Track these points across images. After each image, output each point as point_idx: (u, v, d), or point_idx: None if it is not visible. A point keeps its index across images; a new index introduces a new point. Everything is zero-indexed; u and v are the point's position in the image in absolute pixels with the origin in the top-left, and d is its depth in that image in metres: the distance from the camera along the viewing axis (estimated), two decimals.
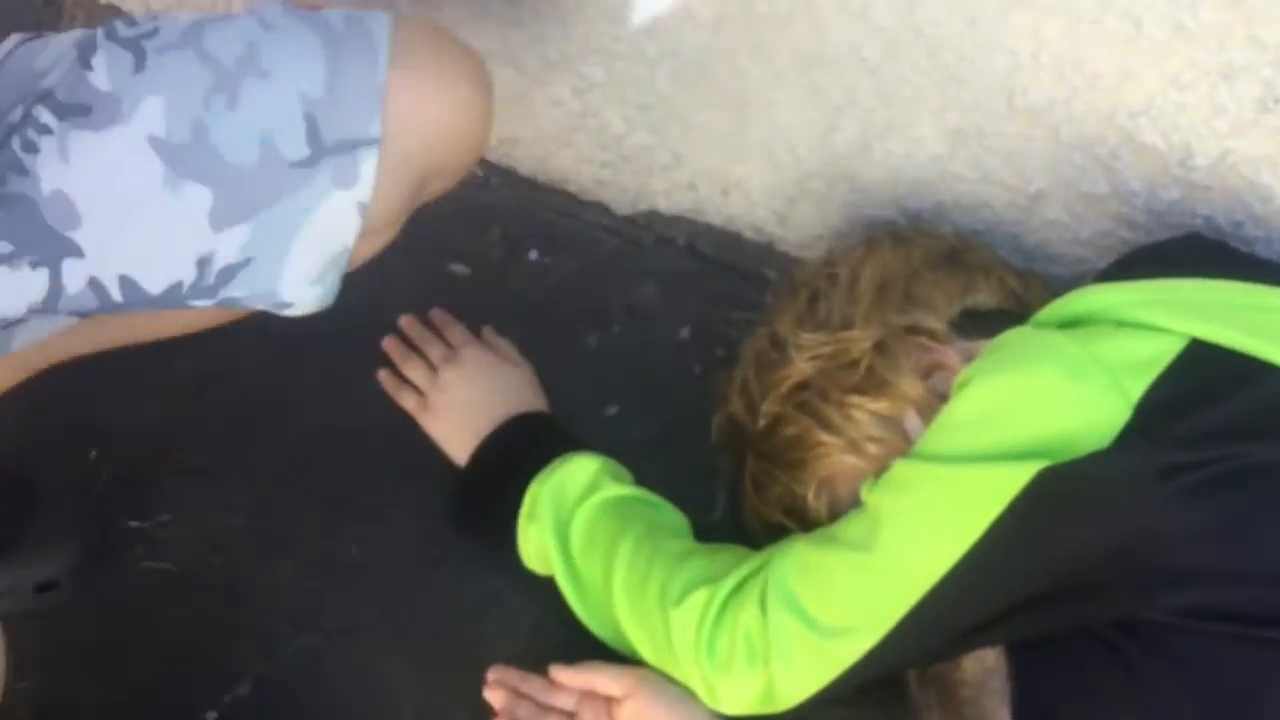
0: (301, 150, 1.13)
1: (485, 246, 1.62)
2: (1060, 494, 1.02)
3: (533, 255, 1.64)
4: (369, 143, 1.14)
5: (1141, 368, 1.04)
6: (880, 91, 1.34)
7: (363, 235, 1.22)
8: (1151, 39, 1.17)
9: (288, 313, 1.23)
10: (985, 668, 1.19)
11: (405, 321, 1.55)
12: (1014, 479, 1.03)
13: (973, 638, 1.13)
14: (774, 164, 1.48)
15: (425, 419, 1.48)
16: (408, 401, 1.50)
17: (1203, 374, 1.04)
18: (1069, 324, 1.11)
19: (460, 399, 1.47)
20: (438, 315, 1.55)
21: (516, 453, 1.41)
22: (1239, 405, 1.03)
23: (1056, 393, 1.04)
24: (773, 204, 1.54)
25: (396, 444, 1.46)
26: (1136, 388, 1.03)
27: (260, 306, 1.22)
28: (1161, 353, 1.05)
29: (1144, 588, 1.02)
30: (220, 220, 1.12)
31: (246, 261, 1.14)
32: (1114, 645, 1.05)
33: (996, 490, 1.04)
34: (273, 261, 1.16)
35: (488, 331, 1.54)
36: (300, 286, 1.19)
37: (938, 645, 1.14)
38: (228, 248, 1.13)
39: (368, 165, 1.16)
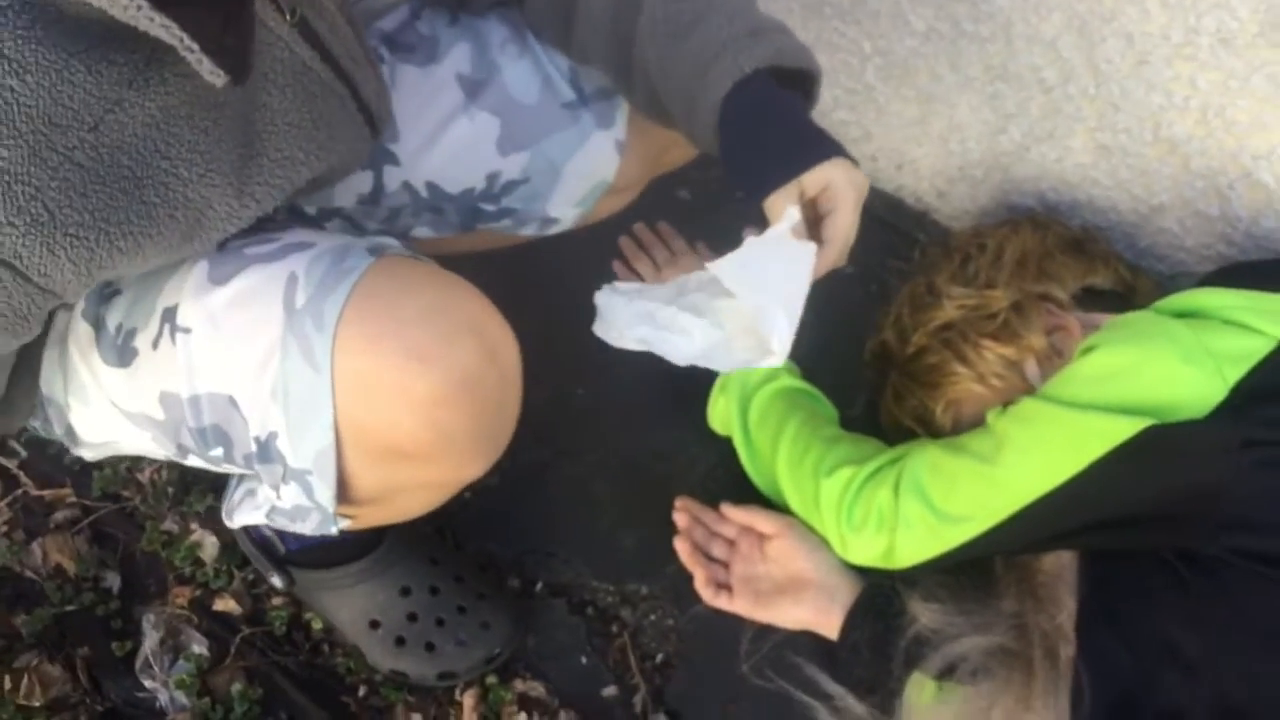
0: (569, 94, 1.11)
1: (707, 181, 1.59)
2: (1159, 448, 0.99)
3: (740, 194, 1.60)
4: None
5: (1240, 359, 1.00)
6: (1049, 107, 1.28)
7: (611, 193, 1.19)
8: None
9: (552, 230, 1.21)
10: (1061, 563, 1.16)
11: (638, 228, 1.53)
12: (1124, 429, 1.00)
13: (1058, 542, 1.12)
14: (946, 151, 1.43)
15: None
16: None
17: None
18: (1184, 314, 1.07)
19: None
20: (664, 227, 1.53)
21: None
22: None
23: (1170, 368, 1.01)
24: (936, 182, 1.49)
25: None
26: (1234, 374, 0.99)
27: (531, 229, 1.20)
28: (1257, 349, 1.01)
29: (1210, 528, 1.00)
30: (506, 146, 1.10)
31: (526, 180, 1.13)
32: (1175, 568, 1.02)
33: (1107, 435, 1.01)
34: (546, 183, 1.14)
35: (701, 246, 1.52)
36: (565, 206, 1.17)
37: (1029, 543, 1.12)
38: (511, 168, 1.12)
39: (622, 111, 1.13)
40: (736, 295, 0.93)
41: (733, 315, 0.94)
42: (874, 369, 1.37)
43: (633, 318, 0.96)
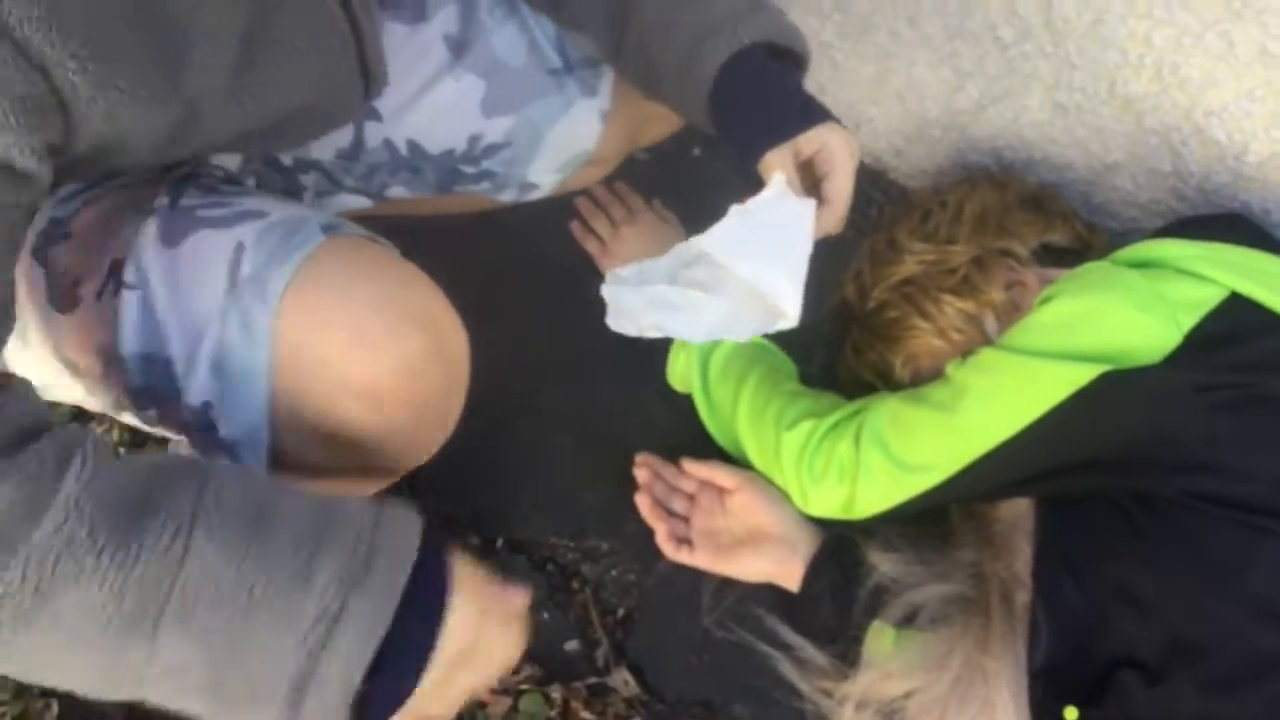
0: (556, 60, 1.12)
1: (662, 141, 1.60)
2: (1115, 393, 1.02)
3: (695, 152, 1.62)
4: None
5: (1193, 307, 1.04)
6: (1006, 66, 1.31)
7: (591, 163, 1.20)
8: (1239, 58, 1.13)
9: (532, 196, 1.21)
10: (1017, 512, 1.19)
11: (595, 187, 1.54)
12: (1081, 376, 1.03)
13: (1016, 489, 1.14)
14: (903, 110, 1.46)
15: (604, 262, 1.48)
16: (592, 246, 1.50)
17: (1237, 320, 1.04)
18: (1139, 265, 1.10)
19: (634, 250, 1.46)
20: (621, 186, 1.54)
21: None
22: (1263, 347, 1.03)
23: (1126, 316, 1.04)
24: (893, 140, 1.52)
25: (584, 278, 1.46)
26: (1188, 321, 1.03)
27: (510, 194, 1.20)
28: (1209, 298, 1.04)
29: (1164, 471, 1.03)
30: (490, 109, 1.11)
31: (508, 144, 1.13)
32: (1130, 512, 1.05)
33: (1064, 382, 1.04)
34: (528, 148, 1.14)
35: (657, 204, 1.53)
36: (546, 173, 1.17)
37: (987, 490, 1.15)
38: (494, 131, 1.12)
39: (607, 80, 1.14)
40: (732, 267, 0.95)
41: (739, 284, 0.96)
42: (834, 325, 1.39)
43: (644, 305, 0.98)
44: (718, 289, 0.97)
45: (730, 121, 0.99)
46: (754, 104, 0.98)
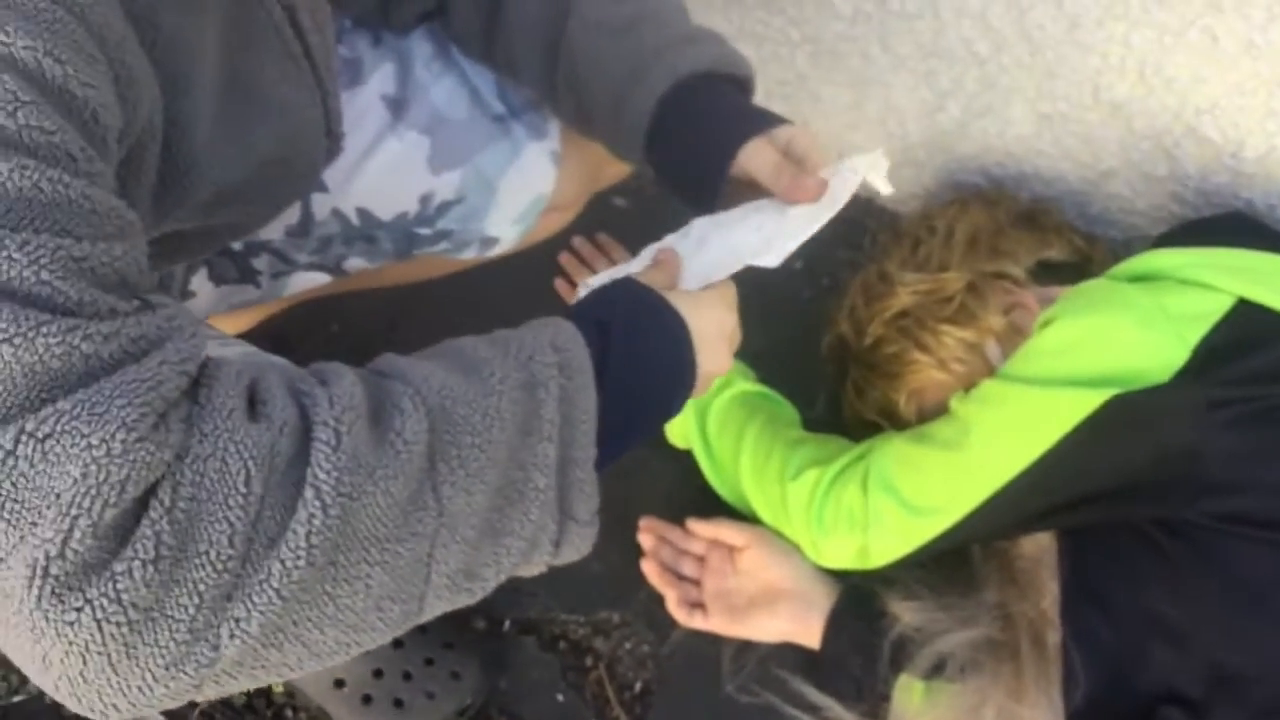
0: (499, 107, 1.11)
1: (643, 185, 1.59)
2: (1125, 417, 1.01)
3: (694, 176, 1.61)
4: None
5: (1198, 319, 1.02)
6: (984, 80, 1.30)
7: (550, 209, 1.19)
8: (1225, 52, 1.12)
9: (493, 251, 1.20)
10: (1040, 547, 1.17)
11: (577, 241, 1.53)
12: (1088, 402, 1.01)
13: (1035, 524, 1.13)
14: (885, 134, 1.45)
15: None
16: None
17: (1247, 328, 1.02)
18: (1138, 279, 1.08)
19: None
20: (604, 238, 1.53)
21: None
22: (1276, 354, 1.00)
23: (1129, 335, 1.02)
24: None
25: None
26: (1194, 335, 1.01)
27: (471, 251, 1.19)
28: (1215, 308, 1.03)
29: (1186, 494, 1.01)
30: (438, 165, 1.10)
31: (461, 199, 1.12)
32: (1154, 539, 1.04)
33: (1072, 409, 1.02)
34: (482, 201, 1.13)
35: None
36: (504, 224, 1.16)
37: (1004, 528, 1.13)
38: (445, 188, 1.11)
39: (555, 122, 1.13)
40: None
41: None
42: (833, 364, 1.38)
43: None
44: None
45: (679, 148, 0.97)
46: (709, 121, 0.96)
